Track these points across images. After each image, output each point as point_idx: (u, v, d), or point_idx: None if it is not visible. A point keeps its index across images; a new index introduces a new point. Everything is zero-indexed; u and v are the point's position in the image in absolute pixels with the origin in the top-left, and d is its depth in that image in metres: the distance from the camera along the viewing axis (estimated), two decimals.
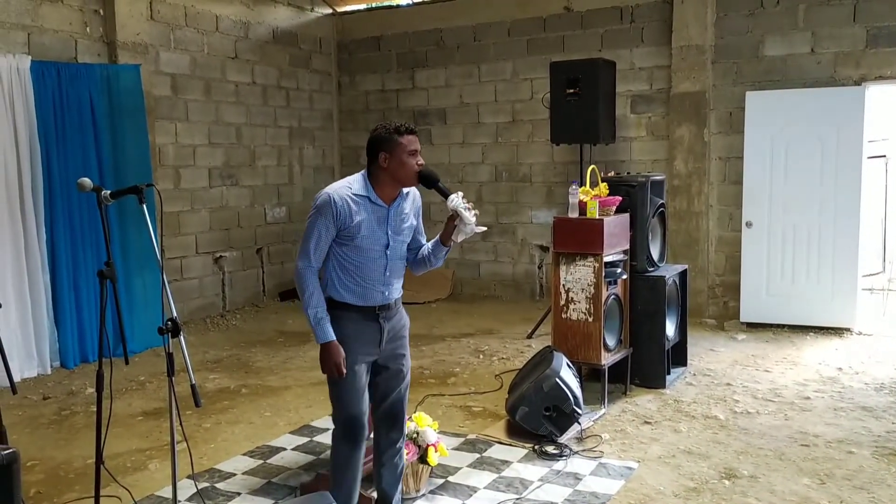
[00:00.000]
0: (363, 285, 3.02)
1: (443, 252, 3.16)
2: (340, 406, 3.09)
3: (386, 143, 2.96)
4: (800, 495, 3.60)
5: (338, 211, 2.93)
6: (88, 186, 3.09)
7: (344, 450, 3.11)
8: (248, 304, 8.40)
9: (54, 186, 6.00)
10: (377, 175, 3.00)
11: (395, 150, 2.95)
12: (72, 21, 6.48)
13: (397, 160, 2.96)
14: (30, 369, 5.85)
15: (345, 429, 3.10)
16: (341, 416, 3.09)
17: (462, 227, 3.02)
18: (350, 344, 3.01)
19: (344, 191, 2.98)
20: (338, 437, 3.13)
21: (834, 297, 6.76)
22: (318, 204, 2.98)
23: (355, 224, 2.95)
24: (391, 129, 2.98)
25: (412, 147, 2.98)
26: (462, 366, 6.02)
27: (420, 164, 3.01)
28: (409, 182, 3.02)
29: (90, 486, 3.37)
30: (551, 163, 8.32)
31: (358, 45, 9.45)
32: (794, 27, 7.00)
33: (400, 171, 2.97)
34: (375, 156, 2.99)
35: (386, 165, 2.97)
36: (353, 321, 3.03)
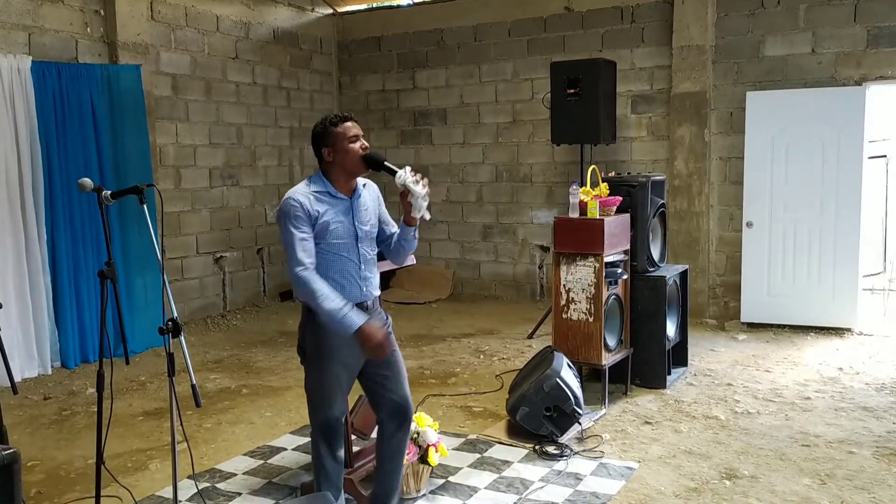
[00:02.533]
0: (341, 282, 3.00)
1: (410, 233, 3.12)
2: (316, 408, 3.10)
3: (324, 138, 2.97)
4: (800, 495, 3.60)
5: (304, 209, 2.91)
6: (89, 187, 3.09)
7: (324, 454, 3.12)
8: (248, 305, 8.40)
9: (55, 186, 6.01)
10: (328, 171, 3.01)
11: (335, 142, 2.95)
12: (72, 21, 6.49)
13: (340, 150, 2.95)
14: (30, 369, 5.85)
15: (323, 431, 3.10)
16: (317, 418, 3.10)
17: (414, 201, 2.96)
18: (329, 351, 3.00)
19: (303, 190, 2.98)
20: (316, 440, 3.14)
21: (835, 298, 6.76)
22: (283, 210, 2.95)
23: (323, 219, 2.94)
24: (326, 122, 2.99)
25: (351, 133, 2.96)
26: (462, 366, 6.02)
27: (364, 147, 2.99)
28: (358, 168, 2.99)
29: (91, 487, 3.37)
30: (552, 163, 8.32)
31: (358, 46, 9.46)
32: (794, 27, 7.00)
33: (346, 159, 2.97)
34: (320, 153, 3.00)
35: (331, 159, 2.97)
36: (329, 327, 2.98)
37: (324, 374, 3.03)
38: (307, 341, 3.05)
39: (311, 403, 3.12)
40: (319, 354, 3.02)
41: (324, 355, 3.01)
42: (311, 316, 3.00)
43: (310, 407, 3.12)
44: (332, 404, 3.07)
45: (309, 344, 3.04)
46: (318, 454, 3.13)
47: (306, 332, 3.05)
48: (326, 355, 3.01)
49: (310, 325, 3.01)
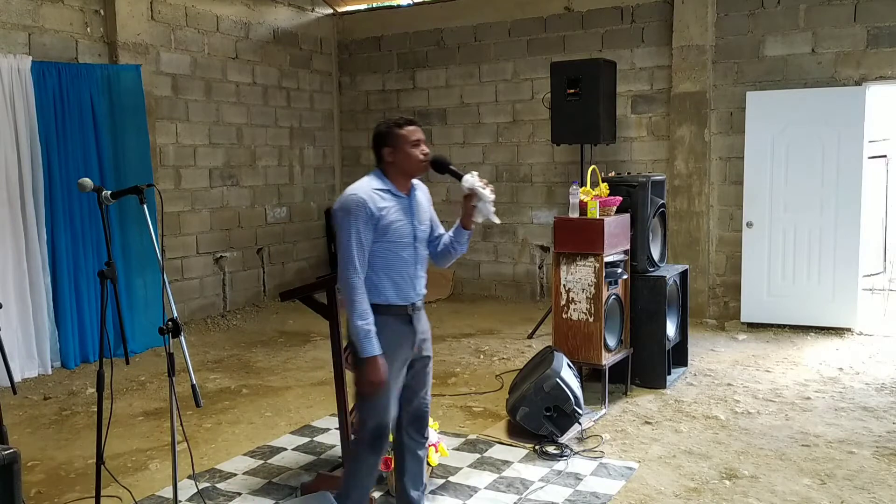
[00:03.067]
0: (398, 282, 2.99)
1: (465, 236, 3.12)
2: (372, 414, 2.99)
3: (387, 138, 3.00)
4: (800, 495, 3.60)
5: (368, 208, 2.89)
6: (89, 186, 3.09)
7: (369, 458, 3.04)
8: (248, 305, 8.40)
9: (55, 187, 6.01)
10: (387, 171, 3.03)
11: (397, 143, 2.98)
12: (72, 21, 6.49)
13: (401, 152, 2.98)
14: (30, 369, 5.85)
15: (373, 437, 3.00)
16: (372, 423, 2.99)
17: (480, 206, 3.00)
18: (393, 350, 2.96)
19: (365, 187, 2.97)
20: (363, 446, 3.03)
21: (835, 298, 6.76)
22: (346, 206, 2.91)
23: (386, 217, 2.93)
24: (391, 123, 3.02)
25: (414, 137, 2.99)
26: (463, 366, 6.02)
27: (425, 152, 3.02)
28: (418, 171, 3.03)
29: (91, 487, 3.37)
30: (552, 163, 8.32)
31: (358, 46, 9.46)
32: (794, 27, 7.00)
33: (406, 162, 2.99)
34: (380, 152, 3.02)
35: (392, 159, 2.99)
36: (391, 326, 2.98)
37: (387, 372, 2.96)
38: None
39: (365, 408, 3.01)
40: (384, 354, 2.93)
41: (387, 355, 2.94)
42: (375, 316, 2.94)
43: (363, 412, 3.01)
44: (390, 408, 3.01)
45: None
46: (363, 459, 3.03)
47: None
48: (390, 355, 2.95)
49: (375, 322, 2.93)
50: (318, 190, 9.44)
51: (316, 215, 9.41)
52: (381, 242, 2.94)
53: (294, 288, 3.84)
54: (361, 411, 3.04)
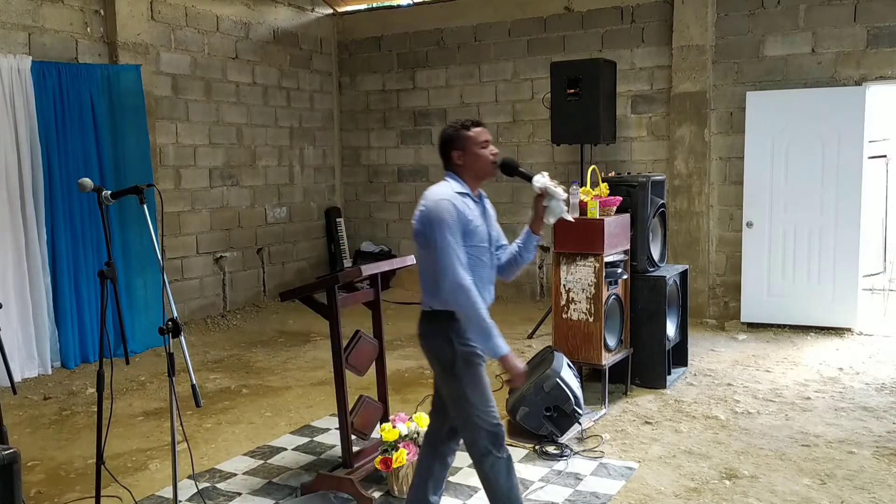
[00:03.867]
0: (478, 286, 2.89)
1: (534, 242, 3.07)
2: (480, 416, 2.89)
3: (456, 141, 2.95)
4: (800, 495, 3.60)
5: (457, 211, 2.83)
6: (89, 186, 3.09)
7: (502, 462, 2.90)
8: (248, 305, 8.40)
9: (55, 187, 6.01)
10: (458, 173, 2.97)
11: (466, 145, 2.94)
12: (72, 21, 6.49)
13: (471, 154, 2.94)
14: (30, 369, 5.85)
15: (492, 438, 2.89)
16: (485, 426, 2.89)
17: (553, 204, 2.96)
18: (476, 353, 2.92)
19: (449, 192, 2.89)
20: (487, 453, 2.88)
21: (835, 298, 6.76)
22: (438, 213, 2.82)
23: (471, 222, 2.88)
24: (457, 125, 2.98)
25: (482, 138, 2.96)
26: None
27: (494, 153, 2.98)
28: (488, 173, 2.98)
29: (91, 487, 3.37)
30: (552, 163, 8.31)
31: (358, 46, 9.46)
32: (794, 27, 7.00)
33: (476, 164, 2.95)
34: (449, 156, 2.97)
35: (462, 162, 2.95)
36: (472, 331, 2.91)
37: (479, 373, 2.91)
38: (457, 345, 2.89)
39: (475, 414, 2.89)
40: (471, 354, 2.89)
41: (473, 357, 2.90)
42: (452, 322, 2.88)
43: (475, 417, 2.89)
44: (493, 407, 2.92)
45: (459, 347, 2.89)
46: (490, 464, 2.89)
47: (453, 336, 2.89)
48: (475, 356, 2.91)
49: (456, 329, 2.89)
50: (318, 190, 9.44)
51: (316, 215, 9.41)
52: (465, 246, 2.87)
53: (294, 288, 3.85)
54: (475, 421, 2.89)
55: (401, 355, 6.33)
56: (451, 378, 2.92)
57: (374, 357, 3.97)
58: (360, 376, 3.87)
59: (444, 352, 2.91)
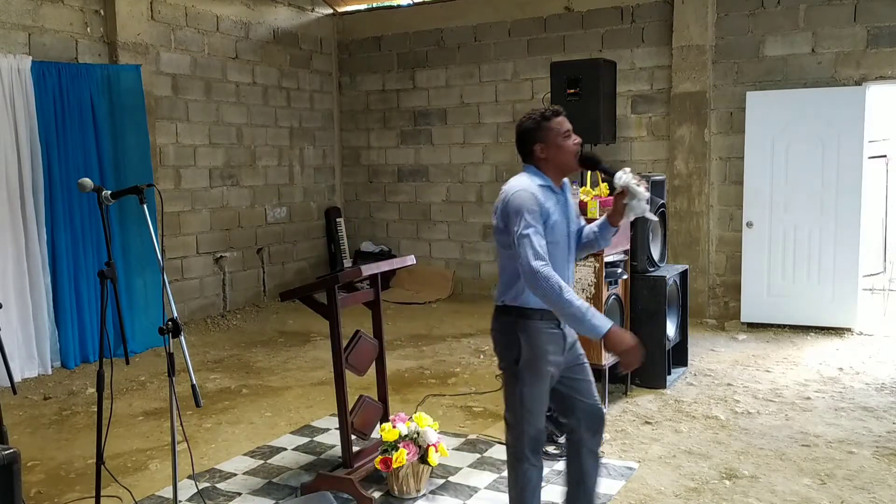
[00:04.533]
0: None
1: (611, 233, 2.99)
2: (529, 420, 2.83)
3: (537, 133, 2.82)
4: (800, 495, 3.60)
5: (538, 203, 2.73)
6: (89, 186, 3.09)
7: (534, 468, 2.88)
8: (248, 305, 8.40)
9: (55, 186, 6.01)
10: (540, 167, 2.85)
11: (548, 137, 2.81)
12: (72, 21, 6.49)
13: (554, 146, 2.81)
14: (30, 369, 5.85)
15: (535, 444, 2.86)
16: (530, 431, 2.84)
17: (634, 203, 2.84)
18: (546, 355, 2.82)
19: (528, 183, 2.79)
20: (523, 457, 2.86)
21: (834, 298, 6.76)
22: (517, 203, 2.73)
23: (550, 214, 2.76)
24: (537, 117, 2.84)
25: (564, 128, 2.83)
26: (462, 366, 6.02)
27: (577, 142, 2.85)
28: (572, 165, 2.87)
29: (91, 487, 3.37)
30: None
31: (358, 46, 9.46)
32: (794, 27, 7.00)
33: (560, 155, 2.82)
34: (531, 149, 2.84)
35: (544, 155, 2.82)
36: (543, 330, 2.82)
37: (541, 379, 2.83)
38: (524, 346, 2.80)
39: (520, 416, 2.85)
40: (537, 359, 2.80)
41: (540, 359, 2.81)
42: (522, 320, 2.81)
43: (518, 420, 2.85)
44: (543, 413, 2.87)
45: (525, 349, 2.79)
46: (524, 470, 2.88)
47: (521, 336, 2.81)
48: (542, 359, 2.81)
49: (525, 328, 2.80)
50: (318, 190, 9.44)
51: (316, 215, 9.42)
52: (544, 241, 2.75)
53: (294, 288, 3.84)
54: (518, 420, 2.86)
55: (401, 355, 6.33)
56: (511, 377, 2.85)
57: (374, 357, 3.97)
58: (360, 376, 3.87)
59: (510, 351, 2.83)
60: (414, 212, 9.31)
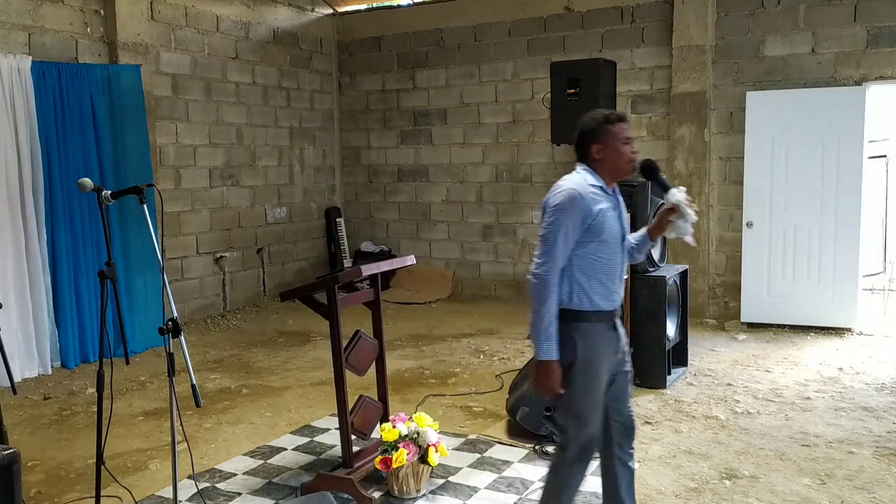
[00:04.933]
0: (608, 285, 2.78)
1: (648, 246, 2.97)
2: (583, 426, 2.80)
3: (597, 134, 2.80)
4: (800, 495, 3.60)
5: (585, 204, 2.69)
6: (89, 186, 3.09)
7: (577, 474, 2.85)
8: (248, 305, 8.40)
9: (55, 186, 6.01)
10: (595, 168, 2.82)
11: (608, 140, 2.78)
12: (72, 21, 6.49)
13: (612, 150, 2.78)
14: (30, 369, 5.85)
15: (583, 450, 2.82)
16: (583, 436, 2.80)
17: (680, 224, 2.84)
18: (602, 359, 2.79)
19: (581, 182, 2.75)
20: (571, 461, 2.83)
21: (835, 298, 6.76)
22: (560, 202, 2.71)
23: (599, 217, 2.72)
24: (600, 118, 2.81)
25: (625, 134, 2.80)
26: (463, 366, 6.02)
27: (635, 151, 2.83)
28: (626, 172, 2.83)
29: (91, 487, 3.37)
30: (552, 163, 8.32)
31: (358, 46, 9.46)
32: (794, 27, 7.00)
33: (615, 160, 2.79)
34: (587, 149, 2.81)
35: (600, 157, 2.79)
36: (598, 332, 2.79)
37: (596, 383, 2.79)
38: (579, 348, 2.76)
39: (575, 421, 2.80)
40: (591, 362, 2.77)
41: (596, 361, 2.78)
42: (577, 322, 2.76)
43: (573, 425, 2.81)
44: (597, 420, 2.82)
45: (581, 351, 2.75)
46: (573, 475, 2.85)
47: (577, 338, 2.76)
48: (598, 361, 2.78)
49: (580, 330, 2.76)
50: (318, 190, 9.44)
51: (316, 215, 9.42)
52: (594, 243, 2.73)
53: (294, 288, 3.85)
54: (572, 425, 2.82)
55: (401, 355, 6.33)
56: (566, 379, 2.78)
57: (373, 357, 3.97)
58: (360, 376, 3.87)
59: (565, 354, 2.77)
60: (414, 212, 9.31)
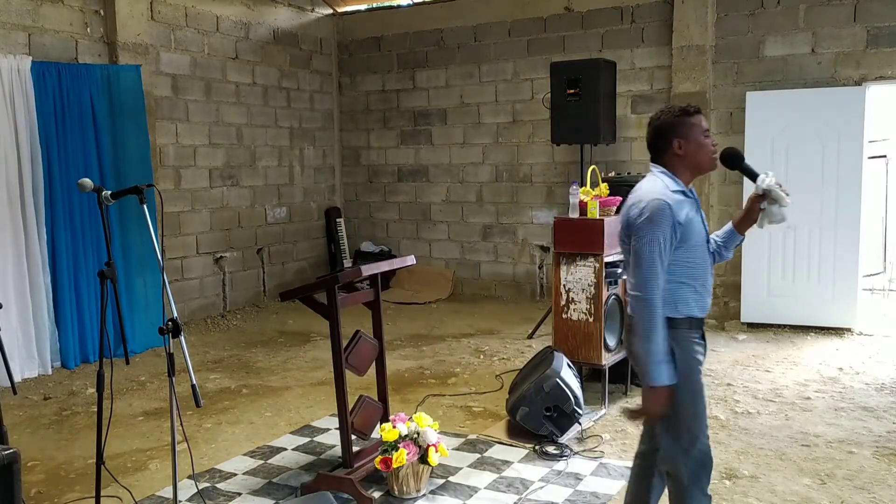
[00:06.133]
0: (700, 290, 2.66)
1: (737, 242, 2.82)
2: (694, 440, 2.64)
3: (678, 128, 2.66)
4: (800, 495, 3.60)
5: (673, 213, 2.56)
6: (89, 187, 3.09)
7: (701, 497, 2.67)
8: (248, 305, 8.40)
9: (55, 187, 6.01)
10: (674, 166, 2.68)
11: (689, 134, 2.65)
12: (72, 21, 6.49)
13: (694, 143, 2.66)
14: (30, 369, 5.85)
15: (700, 467, 2.66)
16: (696, 452, 2.64)
17: (774, 209, 2.71)
18: (698, 369, 2.66)
19: (664, 190, 2.61)
20: (689, 484, 2.65)
21: (834, 298, 6.76)
22: (649, 215, 2.56)
23: (688, 222, 2.60)
24: (677, 111, 2.69)
25: (705, 126, 2.69)
26: (462, 366, 6.02)
27: (715, 143, 2.72)
28: (709, 166, 2.71)
29: (91, 487, 3.37)
30: (552, 163, 8.32)
31: (358, 46, 9.46)
32: (794, 27, 7.00)
33: (699, 154, 2.67)
34: (668, 145, 2.67)
35: (682, 152, 2.66)
36: (694, 340, 2.66)
37: (698, 392, 2.65)
38: (678, 359, 2.61)
39: (685, 434, 2.64)
40: (692, 371, 2.63)
41: (695, 370, 2.64)
42: (673, 330, 2.61)
43: (684, 438, 2.64)
44: (706, 429, 2.69)
45: (680, 362, 2.61)
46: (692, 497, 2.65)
47: (675, 349, 2.62)
48: (696, 370, 2.65)
49: (677, 339, 2.61)
50: (318, 190, 9.44)
51: (316, 215, 9.42)
52: (683, 248, 2.60)
53: (294, 288, 3.85)
54: (684, 438, 2.65)
55: (400, 355, 6.33)
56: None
57: (373, 357, 3.97)
58: (360, 376, 3.87)
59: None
60: (414, 212, 9.31)
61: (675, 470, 2.69)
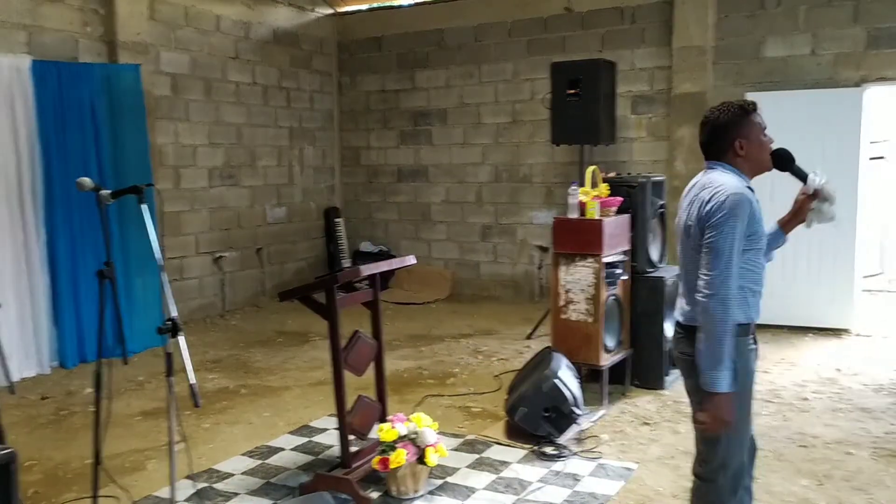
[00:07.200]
0: (757, 294, 2.53)
1: (781, 243, 2.72)
2: (733, 455, 2.55)
3: (739, 128, 2.51)
4: (798, 496, 3.60)
5: (752, 209, 2.44)
6: (88, 186, 3.10)
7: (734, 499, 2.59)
8: (247, 305, 8.40)
9: (54, 186, 6.01)
10: (735, 165, 2.54)
11: (751, 133, 2.52)
12: (72, 21, 6.48)
13: (756, 143, 2.53)
14: (28, 369, 5.85)
15: (735, 480, 2.56)
16: (735, 463, 2.56)
17: (825, 208, 2.63)
18: (752, 374, 2.56)
19: (739, 184, 2.47)
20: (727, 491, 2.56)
21: (833, 299, 6.76)
22: (731, 206, 2.39)
23: (759, 220, 2.48)
24: (737, 109, 2.53)
25: (764, 124, 2.56)
26: (461, 366, 6.02)
27: (772, 141, 2.59)
28: (768, 165, 2.59)
29: (88, 487, 3.37)
30: (551, 163, 8.32)
31: (359, 46, 9.46)
32: (794, 28, 7.00)
33: (760, 153, 2.54)
34: (728, 145, 2.52)
35: (743, 152, 2.52)
36: (750, 348, 2.54)
37: (749, 401, 2.57)
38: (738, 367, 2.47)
39: (736, 446, 2.55)
40: (747, 379, 2.53)
41: (750, 379, 2.55)
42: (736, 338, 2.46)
43: (733, 450, 2.55)
44: (744, 448, 2.60)
45: (740, 368, 2.47)
46: None
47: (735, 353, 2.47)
48: (750, 378, 2.55)
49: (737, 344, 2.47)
50: (318, 190, 9.44)
51: (315, 215, 9.41)
52: (754, 250, 2.48)
53: (293, 288, 3.85)
54: (723, 457, 2.55)
55: (399, 356, 6.33)
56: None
57: (372, 357, 3.97)
58: (359, 376, 3.87)
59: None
60: (413, 212, 9.31)
61: (713, 478, 2.59)
